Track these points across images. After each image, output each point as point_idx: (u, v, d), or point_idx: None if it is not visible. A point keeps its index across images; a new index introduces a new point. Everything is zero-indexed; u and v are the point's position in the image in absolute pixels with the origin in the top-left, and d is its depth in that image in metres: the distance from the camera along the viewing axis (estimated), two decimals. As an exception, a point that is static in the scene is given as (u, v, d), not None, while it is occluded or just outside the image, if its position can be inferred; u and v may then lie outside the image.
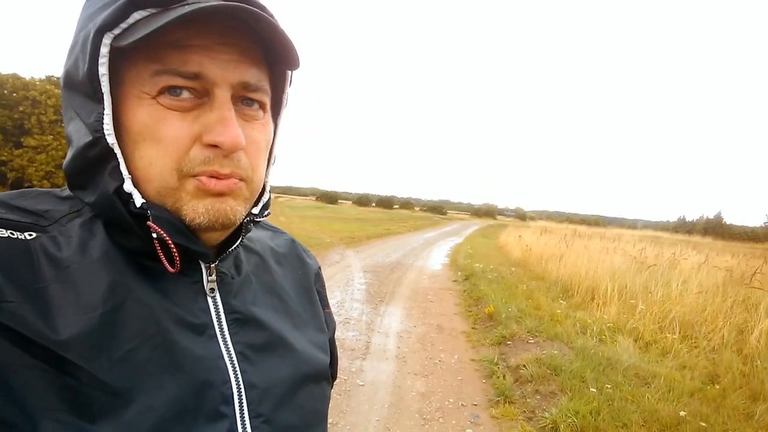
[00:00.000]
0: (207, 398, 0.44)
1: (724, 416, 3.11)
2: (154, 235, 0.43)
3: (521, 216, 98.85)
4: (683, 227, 75.80)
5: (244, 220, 0.50)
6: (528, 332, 4.89)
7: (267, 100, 0.49)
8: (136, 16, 0.41)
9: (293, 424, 0.51)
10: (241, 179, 0.46)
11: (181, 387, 0.43)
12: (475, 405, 3.43)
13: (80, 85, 0.43)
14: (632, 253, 10.04)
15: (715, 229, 67.44)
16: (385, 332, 4.97)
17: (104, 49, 0.40)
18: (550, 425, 2.99)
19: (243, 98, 0.46)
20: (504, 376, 3.85)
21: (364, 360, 4.09)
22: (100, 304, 0.41)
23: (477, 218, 73.24)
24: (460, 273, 9.28)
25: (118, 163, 0.43)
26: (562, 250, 10.39)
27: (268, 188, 0.55)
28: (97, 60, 0.41)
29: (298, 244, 0.69)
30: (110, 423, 0.38)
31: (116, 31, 0.40)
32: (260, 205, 0.53)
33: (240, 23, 0.44)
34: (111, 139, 0.42)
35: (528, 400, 3.46)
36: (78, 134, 0.44)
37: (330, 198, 68.11)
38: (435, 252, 13.62)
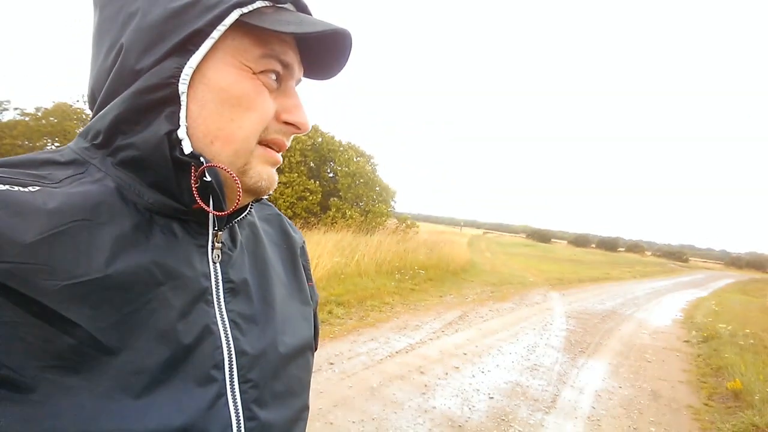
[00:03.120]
0: (198, 362, 0.46)
1: None
2: (207, 179, 0.45)
3: (808, 271, 74.07)
4: None
5: None
6: (795, 426, 3.53)
7: None
8: (259, 4, 0.46)
9: (280, 390, 0.53)
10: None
11: (174, 349, 0.44)
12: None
13: (186, 41, 0.45)
14: None
15: None
16: (579, 388, 4.29)
17: (229, 21, 0.44)
18: None
19: None
20: (745, 478, 2.83)
21: (548, 414, 3.59)
22: (103, 263, 0.41)
23: (735, 269, 58.21)
24: (695, 333, 7.45)
25: (179, 109, 0.44)
26: None
27: None
28: (216, 26, 0.44)
29: (284, 218, 0.71)
30: (103, 380, 0.39)
31: (245, 10, 0.45)
32: None
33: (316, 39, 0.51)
34: (183, 88, 0.44)
35: None
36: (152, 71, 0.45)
37: (542, 236, 64.42)
38: (665, 304, 11.28)
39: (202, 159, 0.45)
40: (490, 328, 6.14)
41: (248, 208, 0.55)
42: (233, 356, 0.49)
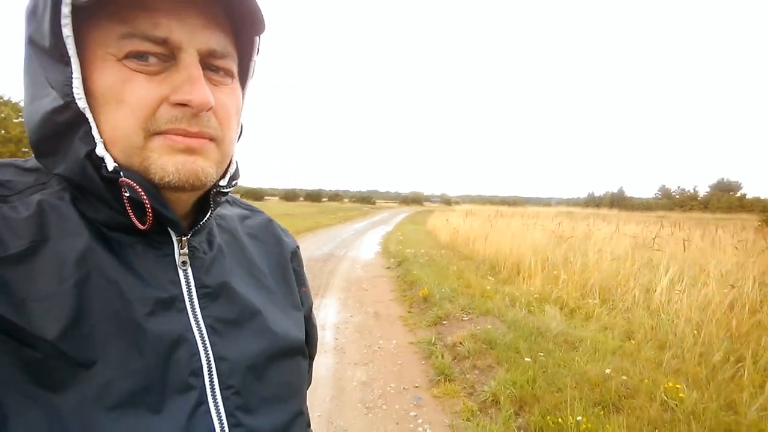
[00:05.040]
0: (174, 371, 0.44)
1: (639, 367, 3.36)
2: (127, 194, 0.43)
3: (447, 201, 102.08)
4: (592, 202, 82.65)
5: (211, 191, 0.50)
6: (462, 310, 4.99)
7: (234, 67, 0.49)
8: None
9: (265, 396, 0.51)
10: (211, 139, 0.46)
11: (147, 360, 0.43)
12: (417, 387, 3.41)
13: (46, 49, 0.42)
14: (551, 228, 10.68)
15: (618, 201, 74.51)
16: (321, 325, 4.82)
17: (65, 9, 0.39)
18: (491, 398, 3.04)
19: (209, 65, 0.46)
20: (442, 355, 3.88)
21: (301, 355, 3.94)
22: (65, 277, 0.41)
23: (405, 206, 74.59)
24: (392, 260, 9.32)
25: (90, 127, 0.42)
26: (487, 230, 10.80)
27: (234, 159, 0.53)
28: (60, 21, 0.40)
29: (275, 224, 0.69)
30: (75, 394, 0.39)
31: None
32: (227, 177, 0.52)
33: None
34: (82, 103, 0.41)
35: (467, 376, 3.51)
36: (46, 99, 0.42)
37: (255, 195, 65.86)
38: (366, 241, 13.60)
39: (122, 173, 0.43)
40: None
41: (210, 210, 0.51)
42: (212, 362, 0.47)
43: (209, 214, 0.51)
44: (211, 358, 0.47)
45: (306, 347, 0.61)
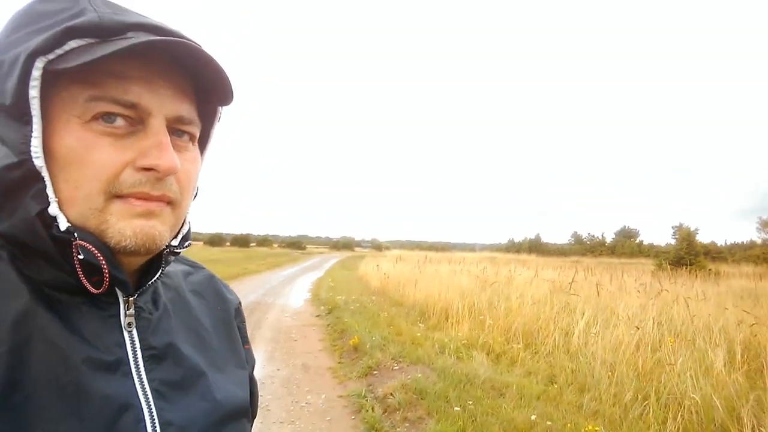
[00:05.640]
0: None
1: (562, 411, 3.49)
2: (81, 257, 0.42)
3: (377, 246, 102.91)
4: (513, 247, 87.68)
5: (164, 251, 0.49)
6: (392, 359, 4.94)
7: (197, 132, 0.50)
8: (72, 44, 0.41)
9: None
10: (169, 203, 0.46)
11: (89, 429, 0.41)
12: (347, 445, 3.27)
13: (4, 107, 0.41)
14: (476, 273, 11.08)
15: (536, 247, 79.66)
16: (244, 381, 4.53)
17: (36, 73, 0.40)
18: (421, 452, 2.98)
19: (175, 130, 0.47)
20: (372, 409, 3.77)
21: (221, 417, 3.64)
22: (2, 342, 0.39)
23: (336, 251, 74.01)
24: (323, 307, 9.10)
25: (44, 186, 0.41)
26: (417, 275, 10.98)
27: (188, 220, 0.54)
28: (28, 83, 0.40)
29: (218, 280, 0.68)
30: None
31: (50, 56, 0.40)
32: (179, 237, 0.52)
33: (179, 59, 0.45)
34: (39, 162, 0.41)
35: (398, 429, 3.42)
36: None
37: (177, 239, 61.95)
38: (296, 288, 13.22)
39: (76, 234, 0.42)
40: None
41: (160, 271, 0.50)
42: (157, 428, 0.45)
43: (158, 274, 0.50)
44: (157, 424, 0.46)
45: (250, 408, 0.61)
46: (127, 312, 0.48)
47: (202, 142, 0.54)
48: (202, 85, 0.49)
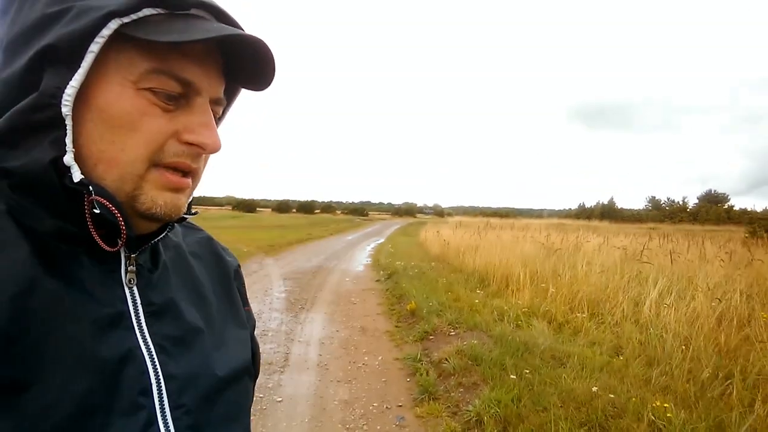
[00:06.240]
0: (123, 390, 0.43)
1: (627, 385, 3.29)
2: (97, 211, 0.42)
3: (440, 213, 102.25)
4: (583, 213, 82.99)
5: None
6: (449, 324, 4.92)
7: (221, 112, 0.52)
8: (146, 11, 0.42)
9: (217, 415, 0.51)
10: (192, 177, 0.48)
11: (92, 380, 0.41)
12: (400, 406, 3.32)
13: (53, 47, 0.41)
14: (540, 240, 10.66)
15: (609, 213, 75.07)
16: (306, 341, 4.73)
17: (106, 32, 0.41)
18: (474, 418, 2.96)
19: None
20: (427, 372, 3.80)
21: (283, 373, 3.83)
22: (2, 292, 0.39)
23: (398, 217, 74.53)
24: (382, 272, 9.23)
25: (65, 134, 0.41)
26: (477, 241, 10.77)
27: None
28: (93, 38, 0.40)
29: (216, 242, 0.68)
30: (9, 419, 0.37)
31: (125, 20, 0.41)
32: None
33: (234, 45, 0.46)
34: (66, 110, 0.41)
35: (452, 394, 3.42)
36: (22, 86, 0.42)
37: (248, 206, 65.51)
38: (357, 253, 13.50)
39: (91, 188, 0.42)
40: (212, 306, 5.96)
41: (165, 231, 0.51)
42: (161, 380, 0.46)
43: (162, 235, 0.51)
44: (161, 377, 0.46)
45: (252, 367, 0.62)
46: (129, 268, 0.48)
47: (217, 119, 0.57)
48: (236, 66, 0.50)
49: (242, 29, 0.47)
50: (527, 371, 3.50)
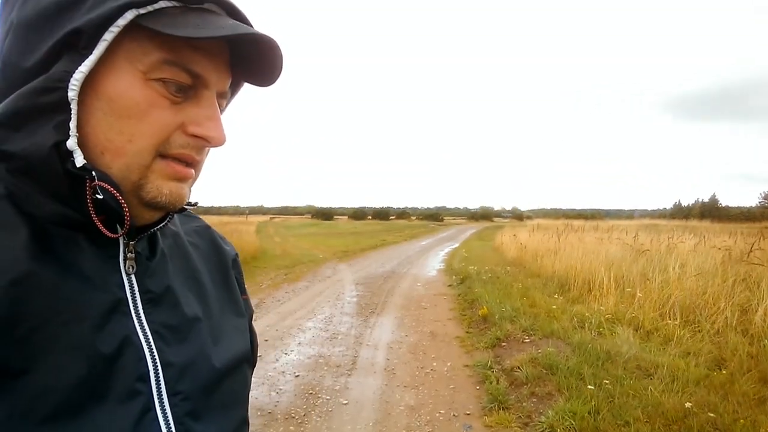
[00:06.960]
0: (120, 376, 0.43)
1: (733, 404, 2.89)
2: (100, 196, 0.43)
3: (518, 216, 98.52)
4: (680, 213, 75.48)
5: None
6: (523, 331, 4.68)
7: (224, 105, 0.53)
8: (162, 4, 0.42)
9: (215, 403, 0.51)
10: (195, 168, 0.49)
11: (90, 365, 0.41)
12: (468, 414, 3.19)
13: (82, 37, 0.41)
14: (627, 242, 9.83)
15: (711, 211, 67.50)
16: (374, 345, 4.74)
17: (122, 22, 0.41)
18: (547, 430, 2.76)
19: None
20: (498, 380, 3.62)
21: (350, 376, 3.86)
22: (3, 274, 0.39)
23: (474, 222, 73.03)
24: (454, 277, 9.06)
25: (69, 119, 0.41)
26: (557, 245, 10.18)
27: None
28: (108, 27, 0.41)
29: (214, 231, 0.69)
30: (5, 403, 0.37)
31: (141, 11, 0.41)
32: None
33: (244, 42, 0.47)
34: (73, 95, 0.41)
35: (523, 404, 3.22)
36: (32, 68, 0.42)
37: (325, 214, 67.91)
38: (430, 258, 13.39)
39: (94, 174, 0.42)
40: (287, 310, 6.19)
41: (165, 220, 0.52)
42: (159, 367, 0.46)
43: (162, 224, 0.52)
44: (158, 363, 0.46)
45: (250, 355, 0.62)
46: (128, 255, 0.48)
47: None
48: (242, 61, 0.50)
49: (252, 26, 0.47)
50: (607, 382, 3.21)
